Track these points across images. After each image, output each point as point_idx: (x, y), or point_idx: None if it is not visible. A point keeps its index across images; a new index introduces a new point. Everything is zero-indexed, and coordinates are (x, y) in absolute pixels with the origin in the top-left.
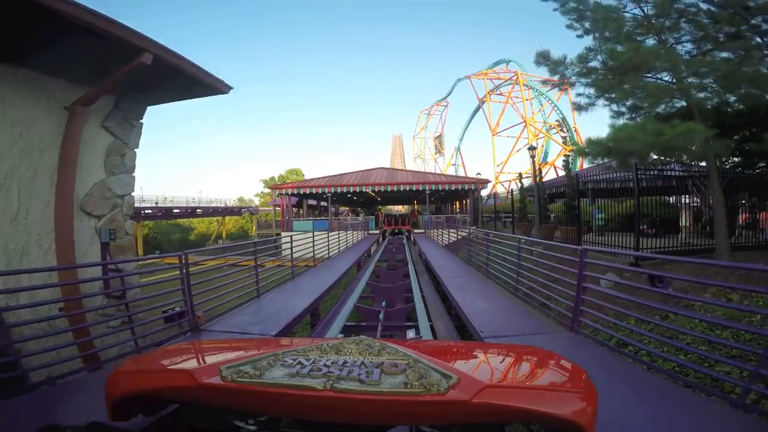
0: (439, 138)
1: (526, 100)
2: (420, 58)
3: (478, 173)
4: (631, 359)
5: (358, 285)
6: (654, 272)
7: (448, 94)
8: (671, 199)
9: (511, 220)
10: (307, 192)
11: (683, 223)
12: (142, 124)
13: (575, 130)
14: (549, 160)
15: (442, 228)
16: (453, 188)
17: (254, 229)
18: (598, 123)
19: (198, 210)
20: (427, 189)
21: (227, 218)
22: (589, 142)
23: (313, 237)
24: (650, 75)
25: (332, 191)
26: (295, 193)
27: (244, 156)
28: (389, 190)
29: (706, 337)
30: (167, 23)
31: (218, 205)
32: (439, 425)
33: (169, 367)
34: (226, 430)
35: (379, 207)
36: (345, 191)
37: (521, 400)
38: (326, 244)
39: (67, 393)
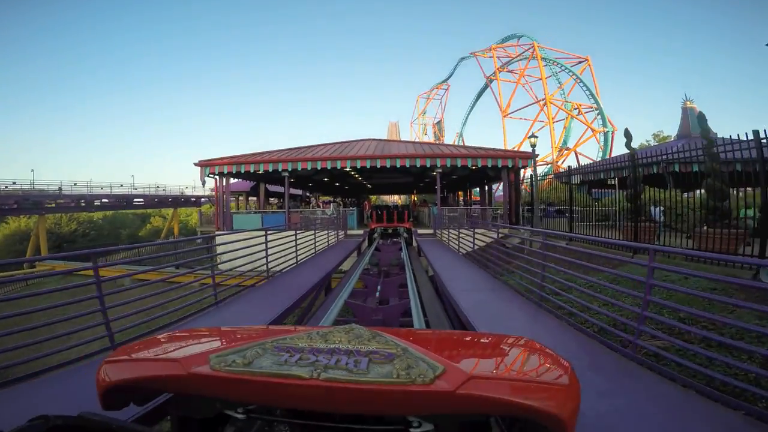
0: (438, 125)
1: (545, 78)
2: (420, 37)
3: (534, 135)
4: None
5: None
6: None
7: (450, 76)
8: None
9: (570, 215)
10: (251, 171)
11: None
12: None
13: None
14: (570, 145)
15: (462, 226)
16: (480, 165)
17: (198, 223)
18: (627, 103)
19: (137, 200)
20: (438, 166)
21: (183, 210)
22: None
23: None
24: None
25: (288, 168)
26: (238, 172)
27: (219, 146)
28: (380, 167)
29: None
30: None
31: (167, 193)
32: (427, 415)
33: (158, 356)
34: (216, 419)
35: (367, 197)
36: (311, 168)
37: (505, 392)
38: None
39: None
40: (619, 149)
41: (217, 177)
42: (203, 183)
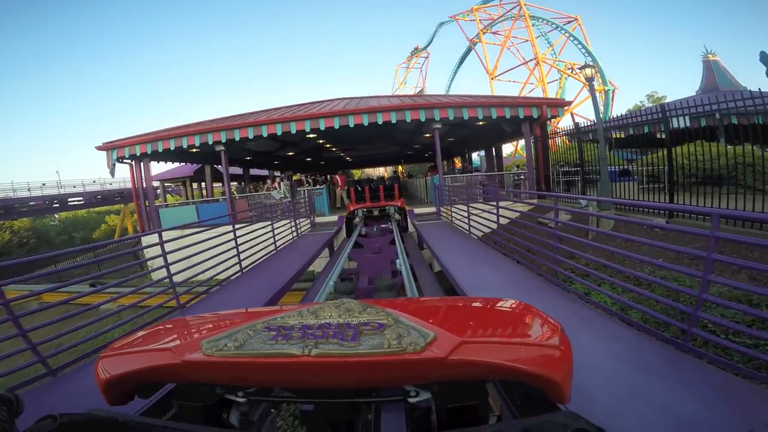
0: (420, 93)
1: (535, 38)
2: (394, 7)
3: (589, 65)
4: None
5: None
6: None
7: (429, 43)
8: None
9: (669, 175)
10: (172, 149)
11: None
12: None
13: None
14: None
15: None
16: (495, 116)
17: (133, 221)
18: (621, 62)
19: (74, 199)
20: (436, 120)
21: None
22: None
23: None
24: None
25: (222, 140)
26: (155, 152)
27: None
28: (354, 125)
29: None
30: None
31: (112, 188)
32: (423, 384)
33: (151, 347)
34: (218, 404)
35: (344, 171)
36: (254, 137)
37: (496, 355)
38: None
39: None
40: (620, 108)
41: (131, 162)
42: (112, 172)
